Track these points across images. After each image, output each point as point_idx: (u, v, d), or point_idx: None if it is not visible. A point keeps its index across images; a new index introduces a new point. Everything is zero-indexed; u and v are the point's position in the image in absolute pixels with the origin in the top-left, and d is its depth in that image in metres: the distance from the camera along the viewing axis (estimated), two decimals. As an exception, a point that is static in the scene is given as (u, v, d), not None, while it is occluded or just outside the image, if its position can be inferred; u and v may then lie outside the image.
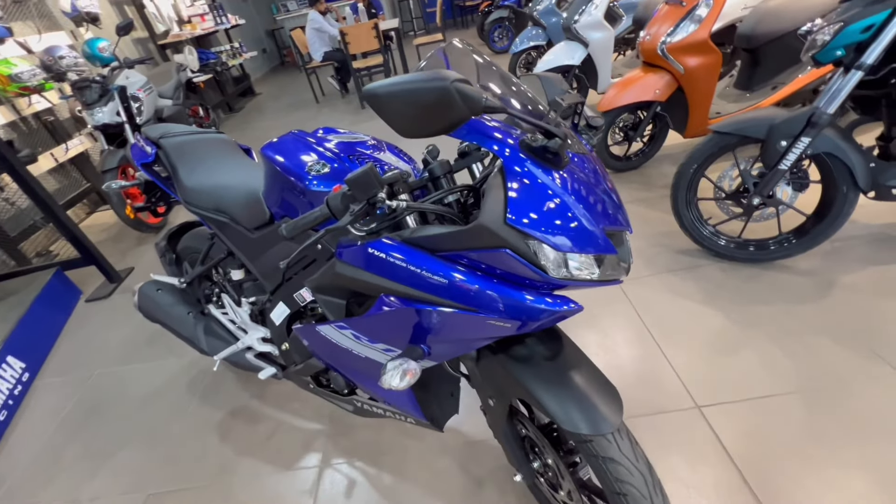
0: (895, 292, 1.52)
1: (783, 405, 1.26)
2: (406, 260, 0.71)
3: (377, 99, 0.57)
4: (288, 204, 0.98)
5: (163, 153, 1.32)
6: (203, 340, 1.38)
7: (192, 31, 5.05)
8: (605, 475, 0.71)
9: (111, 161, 2.75)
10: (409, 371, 0.74)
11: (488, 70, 0.76)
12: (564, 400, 0.72)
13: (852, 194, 1.50)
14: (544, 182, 0.64)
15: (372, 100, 0.57)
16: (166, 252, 1.60)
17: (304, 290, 1.09)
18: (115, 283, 2.57)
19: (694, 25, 2.04)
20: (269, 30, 9.19)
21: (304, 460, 1.40)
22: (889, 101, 1.45)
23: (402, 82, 0.55)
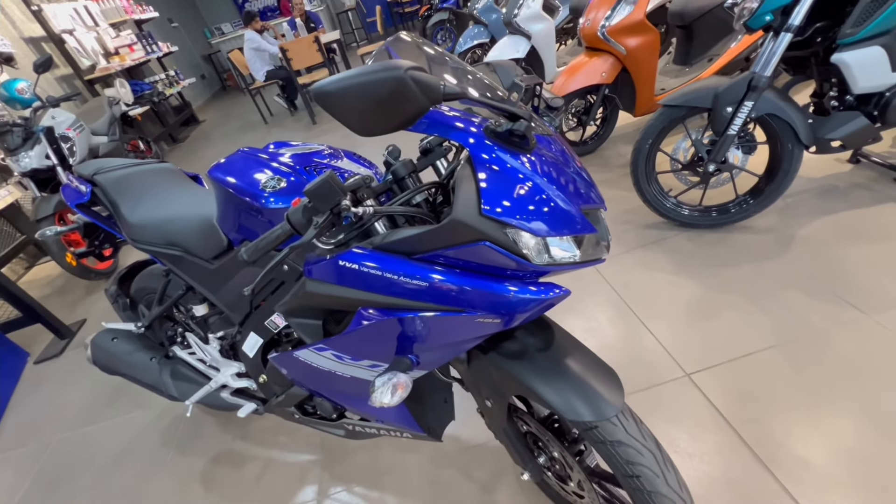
0: (848, 238, 1.61)
1: (766, 360, 1.30)
2: (380, 268, 0.67)
3: (327, 96, 0.53)
4: (245, 227, 0.92)
5: (99, 191, 1.21)
6: (171, 386, 1.27)
7: (121, 62, 4.77)
8: (614, 459, 0.68)
9: (45, 208, 2.54)
10: (399, 384, 0.69)
11: (440, 60, 0.72)
12: (563, 389, 0.69)
13: (797, 150, 1.57)
14: (514, 167, 0.61)
15: (322, 98, 0.53)
16: (119, 297, 1.48)
17: (275, 315, 1.02)
18: (66, 339, 2.37)
19: (630, 7, 2.10)
20: (206, 54, 8.86)
21: (300, 495, 1.32)
22: (817, 59, 1.53)
23: (353, 76, 0.51)
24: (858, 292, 1.41)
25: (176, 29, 7.54)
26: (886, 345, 1.24)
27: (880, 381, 1.17)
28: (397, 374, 0.70)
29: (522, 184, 0.61)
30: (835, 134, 1.57)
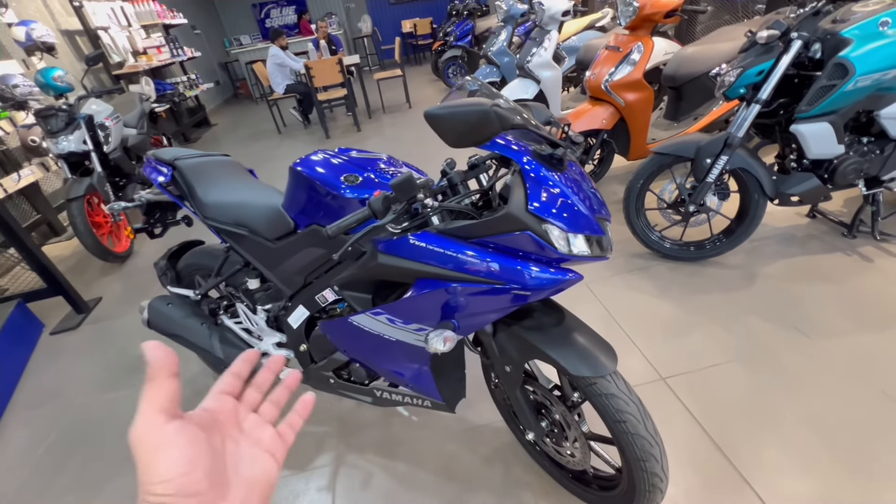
0: (801, 278, 1.89)
1: (729, 371, 1.53)
2: (444, 247, 0.89)
3: (436, 118, 0.76)
4: (319, 212, 1.12)
5: (178, 174, 1.41)
6: (219, 349, 1.43)
7: (148, 62, 5.01)
8: (607, 408, 0.90)
9: (77, 189, 2.69)
10: (447, 338, 0.90)
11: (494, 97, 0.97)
12: (572, 354, 0.91)
13: (762, 200, 1.87)
14: (552, 181, 0.85)
15: (431, 118, 0.76)
16: (167, 270, 1.65)
17: (326, 291, 1.21)
18: (83, 314, 2.47)
19: (630, 67, 2.44)
20: (222, 62, 9.18)
21: (318, 460, 1.47)
22: (780, 127, 1.86)
23: (456, 106, 0.75)
24: (807, 322, 1.67)
25: (198, 36, 7.85)
26: (826, 364, 1.49)
27: (819, 391, 1.41)
28: (446, 330, 0.91)
29: (557, 194, 0.84)
30: (793, 190, 1.87)
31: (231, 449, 0.32)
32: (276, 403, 0.39)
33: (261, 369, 0.40)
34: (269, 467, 0.33)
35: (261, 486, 0.32)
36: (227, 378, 0.37)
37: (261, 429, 0.36)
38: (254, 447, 0.34)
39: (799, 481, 1.18)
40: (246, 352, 0.40)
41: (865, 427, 1.29)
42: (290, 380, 0.41)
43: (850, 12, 1.63)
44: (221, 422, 0.33)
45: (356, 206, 1.04)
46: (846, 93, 1.57)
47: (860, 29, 1.54)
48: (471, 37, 6.32)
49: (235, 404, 0.36)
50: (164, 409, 0.29)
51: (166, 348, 0.31)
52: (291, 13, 9.78)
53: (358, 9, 10.22)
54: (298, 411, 0.40)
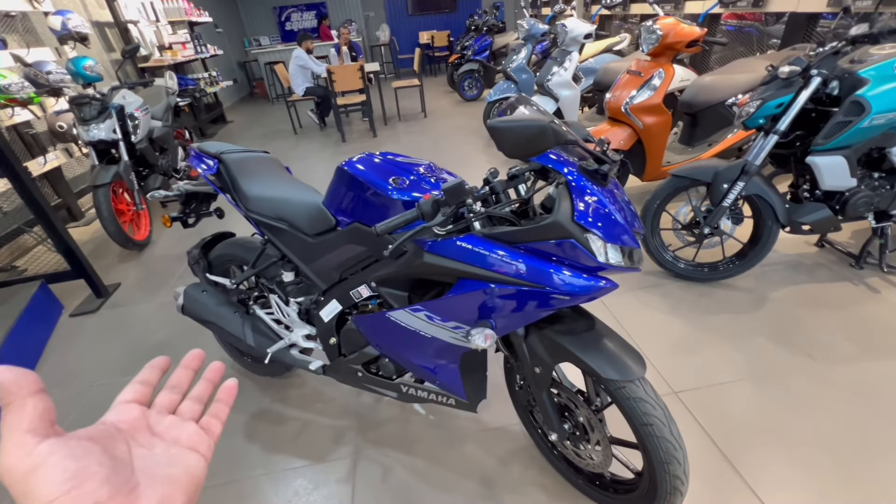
0: (809, 305, 1.95)
1: (738, 389, 1.58)
2: (490, 250, 0.95)
3: (498, 130, 0.82)
4: (362, 211, 1.18)
5: (223, 167, 1.47)
6: (251, 337, 1.48)
7: (173, 57, 5.12)
8: (634, 412, 0.95)
9: (104, 176, 2.75)
10: (488, 335, 0.96)
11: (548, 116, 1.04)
12: (603, 358, 0.97)
13: (775, 227, 1.94)
14: (595, 194, 0.91)
15: (494, 130, 0.83)
16: (200, 260, 1.70)
17: (362, 287, 1.27)
18: (102, 298, 2.52)
19: (650, 92, 2.53)
20: (241, 61, 9.33)
21: (337, 452, 1.51)
22: (796, 158, 1.93)
23: (517, 120, 0.82)
24: (814, 346, 1.73)
25: (220, 34, 8.00)
26: (832, 387, 1.54)
27: (824, 412, 1.46)
28: (486, 328, 0.97)
29: (599, 206, 0.91)
30: (805, 219, 1.94)
31: (141, 454, 0.30)
32: (198, 400, 0.38)
33: (176, 368, 0.38)
34: (192, 463, 0.32)
35: (184, 482, 0.30)
36: (132, 387, 0.35)
37: (179, 428, 0.34)
38: (172, 447, 0.32)
39: (805, 496, 1.23)
40: (155, 359, 0.37)
41: (868, 448, 1.33)
42: (212, 373, 0.39)
43: (867, 54, 1.71)
44: (125, 430, 0.31)
45: (400, 208, 1.09)
46: (861, 129, 1.65)
47: (876, 70, 1.62)
48: (488, 52, 6.46)
49: (143, 411, 0.34)
50: (33, 429, 0.26)
51: (18, 369, 0.28)
52: (312, 18, 9.97)
53: (377, 18, 10.43)
54: (223, 399, 0.38)
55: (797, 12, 3.20)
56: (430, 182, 1.14)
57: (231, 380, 0.40)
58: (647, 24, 2.48)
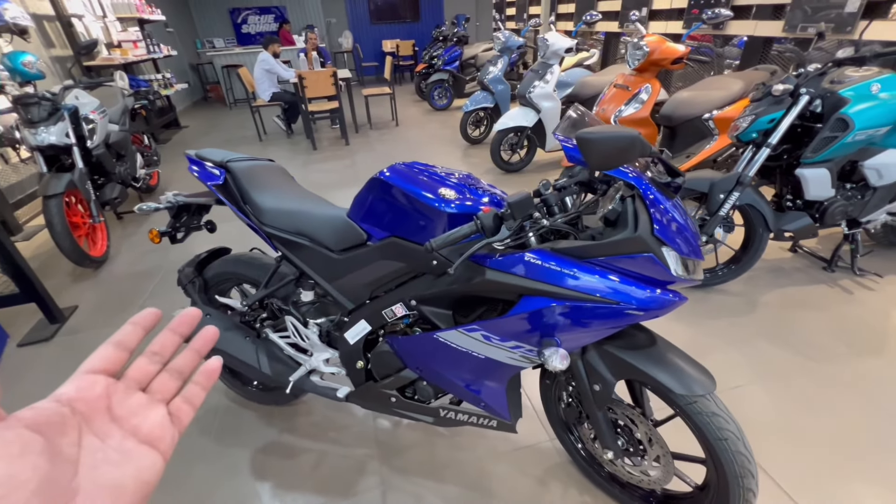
0: (795, 307, 2.07)
1: (750, 392, 1.64)
2: (561, 265, 0.91)
3: (588, 141, 0.79)
4: (402, 225, 1.09)
5: (230, 176, 1.33)
6: (267, 366, 1.34)
7: (123, 56, 4.70)
8: (708, 427, 0.93)
9: (56, 185, 2.44)
10: (563, 355, 0.91)
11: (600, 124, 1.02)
12: (673, 373, 0.95)
13: (765, 234, 2.05)
14: (667, 208, 0.90)
15: (584, 142, 0.79)
16: (195, 279, 1.53)
17: (397, 305, 1.18)
18: (57, 324, 2.21)
19: (639, 105, 2.63)
20: (193, 64, 8.79)
21: (362, 484, 1.39)
22: (782, 170, 2.07)
23: (607, 131, 0.78)
24: (809, 346, 1.83)
25: (170, 34, 7.49)
26: (831, 385, 1.64)
27: (830, 410, 1.54)
28: (559, 348, 0.92)
29: (673, 220, 0.89)
30: (788, 227, 2.08)
31: (91, 447, 0.26)
32: (177, 374, 0.32)
33: (163, 330, 0.32)
34: (144, 464, 0.27)
35: (130, 491, 0.26)
36: (104, 349, 0.29)
37: (145, 412, 0.29)
38: (127, 439, 0.27)
39: (833, 491, 1.28)
40: (141, 312, 0.32)
41: (878, 443, 1.42)
42: (201, 342, 0.33)
43: (844, 75, 1.87)
44: (82, 412, 0.26)
45: (446, 221, 1.02)
46: (845, 144, 1.79)
47: (855, 90, 1.77)
48: (458, 62, 6.51)
49: (109, 385, 0.28)
50: None
51: None
52: (271, 21, 9.61)
53: (339, 24, 10.24)
54: (201, 382, 0.33)
55: (755, 36, 3.48)
56: (479, 194, 1.09)
57: (214, 359, 0.34)
58: (634, 41, 2.58)
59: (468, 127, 4.83)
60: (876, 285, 2.18)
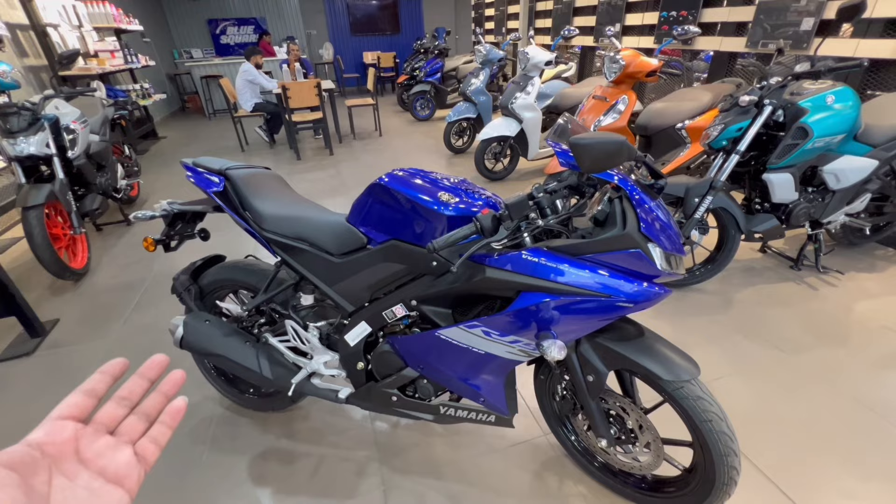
0: (767, 303, 2.21)
1: (731, 384, 1.74)
2: (556, 261, 0.97)
3: (581, 146, 0.86)
4: (402, 228, 1.14)
5: (230, 184, 1.36)
6: (268, 368, 1.35)
7: (100, 66, 4.63)
8: (694, 410, 1.01)
9: (37, 196, 2.39)
10: (560, 346, 0.97)
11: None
12: (661, 361, 1.02)
13: (737, 236, 2.19)
14: (651, 207, 0.98)
15: (577, 147, 0.86)
16: (190, 286, 1.54)
17: (397, 306, 1.22)
18: (38, 337, 2.15)
19: (616, 115, 2.76)
20: (171, 74, 8.67)
21: (364, 486, 1.41)
22: (750, 175, 2.21)
23: (597, 137, 0.86)
24: (780, 339, 1.95)
25: (146, 44, 7.38)
26: (803, 374, 1.75)
27: (804, 397, 1.65)
28: (556, 339, 0.98)
29: (657, 218, 0.97)
30: (758, 228, 2.21)
31: (60, 486, 0.28)
32: (144, 416, 0.34)
33: (132, 376, 0.34)
34: (111, 501, 0.29)
35: None
36: (73, 398, 0.31)
37: (112, 453, 0.31)
38: (95, 479, 0.29)
39: (814, 475, 1.37)
40: (109, 362, 0.34)
41: (849, 426, 1.53)
42: (168, 385, 0.35)
43: (802, 87, 2.03)
44: (52, 454, 0.29)
45: (446, 224, 1.07)
46: (806, 150, 1.93)
47: (813, 102, 1.93)
48: (440, 74, 6.64)
49: (77, 430, 0.31)
50: None
51: None
52: (250, 33, 9.58)
53: (319, 36, 10.29)
54: (166, 422, 0.35)
55: (720, 51, 3.70)
56: (476, 197, 1.15)
57: (179, 399, 0.36)
58: (610, 55, 2.72)
59: (451, 137, 4.93)
60: (838, 281, 2.34)
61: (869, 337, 1.94)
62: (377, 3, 10.56)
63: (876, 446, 1.45)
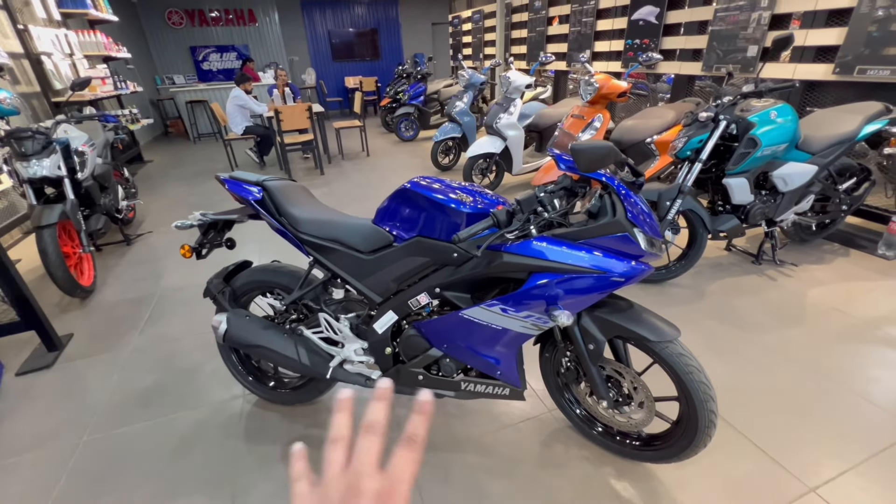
0: (734, 293, 2.48)
1: (707, 361, 1.97)
2: (561, 246, 1.19)
3: (581, 151, 1.09)
4: (426, 226, 1.33)
5: (268, 194, 1.53)
6: (306, 357, 1.50)
7: (92, 93, 4.72)
8: (678, 364, 1.22)
9: (50, 216, 2.47)
10: (568, 315, 1.18)
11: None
12: (649, 326, 1.24)
13: (705, 234, 2.47)
14: (635, 200, 1.21)
15: (577, 151, 1.09)
16: (224, 288, 1.68)
17: (421, 295, 1.41)
18: (56, 351, 2.22)
19: (593, 132, 3.06)
20: (154, 100, 8.73)
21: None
22: (713, 180, 2.52)
23: (593, 144, 1.09)
24: (747, 323, 2.22)
25: (130, 70, 7.47)
26: (766, 351, 2.01)
27: (770, 370, 1.90)
28: (563, 310, 1.19)
29: (640, 209, 1.20)
30: (722, 227, 2.51)
31: None
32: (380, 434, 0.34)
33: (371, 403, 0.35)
34: None
35: None
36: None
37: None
38: None
39: (783, 435, 1.60)
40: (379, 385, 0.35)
41: (808, 390, 1.78)
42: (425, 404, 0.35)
43: (750, 105, 2.36)
44: None
45: (465, 220, 1.27)
46: (756, 158, 2.25)
47: (759, 117, 2.26)
48: (423, 97, 6.97)
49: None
50: None
51: None
52: (233, 59, 9.77)
53: (302, 62, 10.57)
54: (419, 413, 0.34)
55: (680, 74, 4.12)
56: (489, 198, 1.36)
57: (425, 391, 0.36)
58: (585, 79, 3.04)
59: (438, 155, 5.19)
60: (793, 273, 2.65)
61: (822, 317, 2.23)
62: (357, 30, 10.97)
63: (833, 406, 1.70)
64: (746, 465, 1.48)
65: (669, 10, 4.06)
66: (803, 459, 1.49)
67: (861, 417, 1.64)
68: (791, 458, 1.50)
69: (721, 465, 1.49)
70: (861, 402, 1.71)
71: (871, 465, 1.46)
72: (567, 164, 1.26)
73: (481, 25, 7.86)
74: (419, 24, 11.61)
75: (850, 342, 2.04)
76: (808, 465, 1.47)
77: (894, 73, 2.58)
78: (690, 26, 4.04)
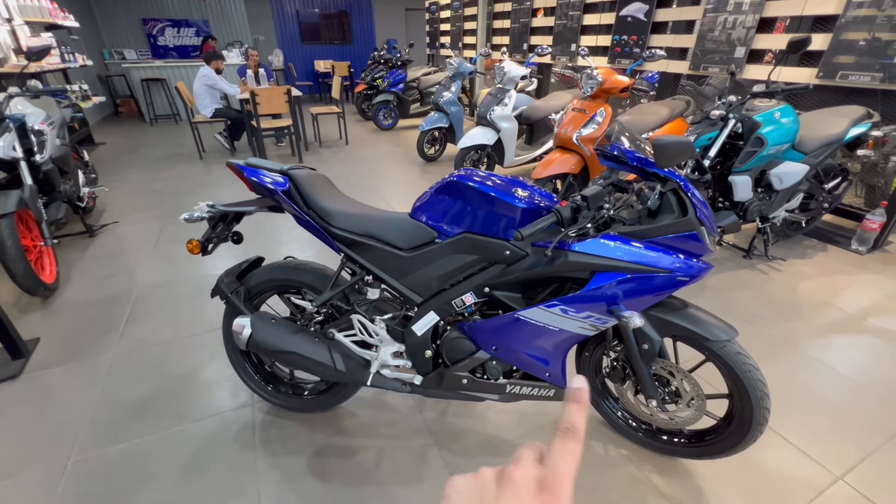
0: (732, 287, 2.57)
1: (720, 354, 2.02)
2: (628, 244, 1.14)
3: (664, 145, 1.04)
4: (478, 221, 1.25)
5: (294, 184, 1.39)
6: (341, 363, 1.37)
7: (37, 64, 4.19)
8: (736, 363, 1.22)
9: (7, 204, 2.16)
10: (640, 316, 1.14)
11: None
12: (707, 326, 1.23)
13: (707, 230, 2.54)
14: (699, 197, 1.19)
15: (660, 146, 1.04)
16: (238, 288, 1.52)
17: (467, 294, 1.33)
18: (22, 359, 1.95)
19: (595, 126, 3.06)
20: (102, 75, 7.94)
21: (429, 470, 1.48)
22: (715, 178, 2.58)
23: (675, 138, 1.04)
24: (749, 315, 2.30)
25: (75, 42, 6.73)
26: (771, 343, 2.09)
27: (778, 362, 1.97)
28: (634, 311, 1.15)
29: (704, 206, 1.18)
30: (721, 223, 2.57)
31: None
32: None
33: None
34: None
35: None
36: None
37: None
38: None
39: (797, 420, 1.66)
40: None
41: (810, 375, 1.86)
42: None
43: (754, 105, 2.43)
44: None
45: (519, 216, 1.20)
46: (762, 157, 2.32)
47: (764, 117, 2.33)
48: (402, 85, 6.76)
49: None
50: None
51: None
52: (191, 35, 9.05)
53: (268, 42, 9.98)
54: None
55: (666, 72, 4.22)
56: (539, 192, 1.29)
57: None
58: (587, 72, 3.03)
59: (424, 145, 5.06)
60: (782, 267, 2.78)
61: (815, 310, 2.35)
62: (328, 12, 10.48)
63: (833, 389, 1.79)
64: (776, 457, 1.52)
65: (658, 7, 4.13)
66: (825, 449, 1.55)
67: (867, 404, 1.74)
68: (814, 447, 1.56)
69: (752, 458, 1.52)
70: (864, 390, 1.81)
71: (886, 449, 1.55)
72: (635, 160, 1.20)
73: (461, 14, 7.71)
74: (392, 8, 11.27)
75: (845, 333, 2.16)
76: (829, 454, 1.53)
77: (874, 79, 2.74)
78: (678, 25, 4.13)
